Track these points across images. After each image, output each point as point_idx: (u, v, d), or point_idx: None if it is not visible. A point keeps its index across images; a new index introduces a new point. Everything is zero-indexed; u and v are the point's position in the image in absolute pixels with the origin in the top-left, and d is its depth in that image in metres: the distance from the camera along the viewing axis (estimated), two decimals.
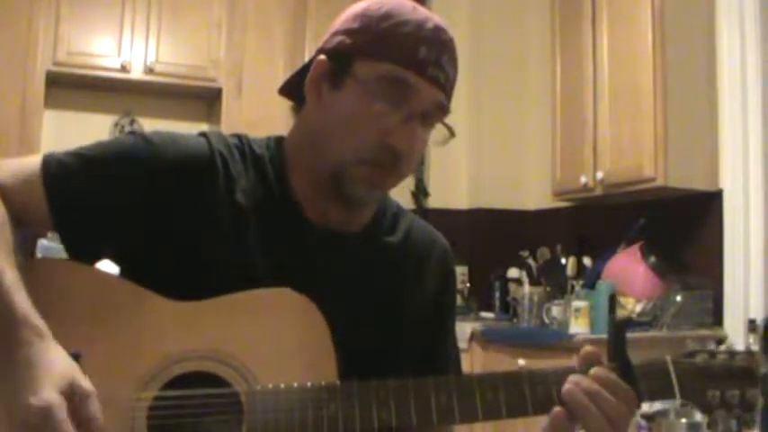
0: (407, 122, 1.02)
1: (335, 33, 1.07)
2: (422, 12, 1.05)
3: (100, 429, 0.84)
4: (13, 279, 0.90)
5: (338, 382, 0.95)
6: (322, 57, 1.06)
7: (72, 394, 0.84)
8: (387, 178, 1.06)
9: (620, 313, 3.17)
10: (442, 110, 1.05)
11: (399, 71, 1.01)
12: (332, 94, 1.05)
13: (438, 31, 1.04)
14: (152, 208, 1.02)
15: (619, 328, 1.01)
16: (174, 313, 0.97)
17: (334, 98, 1.04)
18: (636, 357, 0.98)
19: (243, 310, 0.98)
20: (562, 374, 0.96)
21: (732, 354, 0.99)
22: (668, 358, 0.98)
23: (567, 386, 0.94)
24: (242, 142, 1.11)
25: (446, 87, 1.04)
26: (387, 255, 1.14)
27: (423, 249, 1.19)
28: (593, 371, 0.95)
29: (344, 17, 1.08)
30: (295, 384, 0.93)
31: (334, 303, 1.00)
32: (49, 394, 0.82)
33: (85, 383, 0.86)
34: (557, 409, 0.94)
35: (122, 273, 1.07)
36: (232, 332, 0.96)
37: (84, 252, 1.03)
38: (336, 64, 1.04)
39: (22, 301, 0.88)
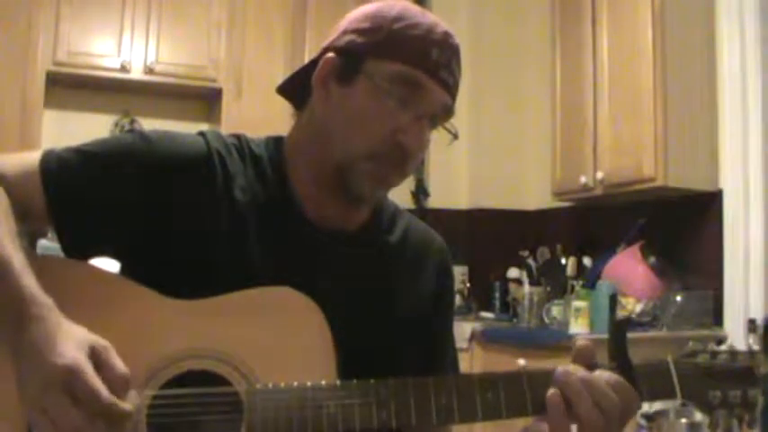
0: (418, 122, 1.04)
1: (345, 32, 1.08)
2: (430, 16, 1.08)
3: (125, 378, 0.85)
4: (20, 263, 0.91)
5: (338, 382, 0.95)
6: (331, 54, 1.07)
7: (93, 353, 0.84)
8: (392, 176, 1.07)
9: (621, 313, 3.17)
10: (448, 112, 1.08)
11: (412, 72, 1.03)
12: (342, 91, 1.06)
13: (447, 35, 1.07)
14: (150, 206, 1.02)
15: (619, 329, 1.01)
16: (174, 311, 0.97)
17: (344, 95, 1.05)
18: (636, 357, 0.98)
19: (243, 309, 0.98)
20: None
21: (734, 354, 0.99)
22: (670, 358, 0.98)
23: (561, 368, 0.94)
24: (240, 142, 1.12)
25: (454, 89, 1.07)
26: (385, 254, 1.15)
27: (420, 249, 1.19)
28: (596, 373, 0.94)
29: (354, 17, 1.09)
30: (295, 383, 0.93)
31: (333, 302, 0.99)
32: (73, 353, 0.83)
33: (103, 341, 0.86)
34: (552, 390, 0.93)
35: (122, 271, 1.07)
36: (232, 331, 0.96)
37: (78, 249, 1.03)
38: (346, 62, 1.05)
39: (30, 281, 0.89)
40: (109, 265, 1.05)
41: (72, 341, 0.84)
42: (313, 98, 1.09)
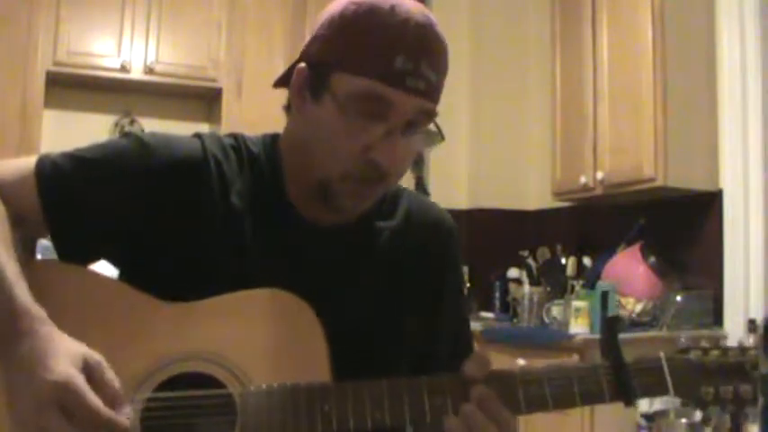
0: (388, 136, 0.98)
1: (314, 39, 1.04)
2: (401, 9, 0.98)
3: (118, 392, 0.85)
4: (13, 272, 0.90)
5: (331, 382, 0.95)
6: (302, 64, 1.03)
7: (86, 367, 0.84)
8: (374, 191, 1.04)
9: (620, 313, 3.17)
10: (427, 115, 1.01)
11: (375, 86, 0.96)
12: (312, 108, 1.02)
13: (418, 31, 0.97)
14: (146, 209, 1.02)
15: (610, 326, 1.02)
16: (167, 314, 0.97)
17: (314, 112, 1.02)
18: (634, 357, 0.98)
19: (236, 311, 0.98)
20: (552, 372, 0.96)
21: (725, 350, 0.99)
22: (662, 354, 0.98)
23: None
24: (238, 142, 1.11)
25: (429, 92, 0.99)
26: (385, 246, 1.12)
27: (423, 235, 1.16)
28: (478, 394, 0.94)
29: (321, 20, 1.03)
30: (288, 384, 0.93)
31: (332, 301, 0.99)
32: (64, 368, 0.82)
33: (96, 355, 0.86)
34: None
35: (120, 274, 1.07)
36: (225, 333, 0.96)
37: (74, 254, 1.02)
38: (314, 75, 1.01)
39: (22, 292, 0.88)
40: (107, 269, 1.05)
41: (63, 356, 0.83)
42: (292, 108, 1.07)
